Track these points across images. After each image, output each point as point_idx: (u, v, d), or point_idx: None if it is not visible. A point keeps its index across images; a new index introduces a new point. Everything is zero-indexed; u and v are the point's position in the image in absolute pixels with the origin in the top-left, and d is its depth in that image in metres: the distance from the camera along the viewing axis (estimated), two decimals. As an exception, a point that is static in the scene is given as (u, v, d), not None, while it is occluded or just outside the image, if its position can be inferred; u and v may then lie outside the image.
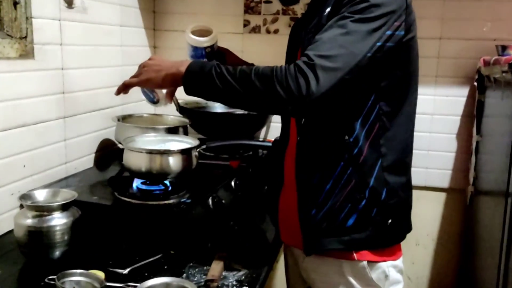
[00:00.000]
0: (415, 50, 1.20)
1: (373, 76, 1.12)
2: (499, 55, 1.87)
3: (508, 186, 1.61)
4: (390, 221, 1.22)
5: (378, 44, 1.07)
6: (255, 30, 2.31)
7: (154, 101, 1.49)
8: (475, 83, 2.08)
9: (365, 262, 1.21)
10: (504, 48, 1.88)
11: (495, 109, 1.88)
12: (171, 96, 1.35)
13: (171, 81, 1.23)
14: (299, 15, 2.20)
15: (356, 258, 1.20)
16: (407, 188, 1.27)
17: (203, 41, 1.56)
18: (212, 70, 1.15)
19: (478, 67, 2.04)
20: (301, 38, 1.28)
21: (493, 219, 1.77)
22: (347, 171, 1.17)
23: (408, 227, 1.30)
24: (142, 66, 1.31)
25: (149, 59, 1.31)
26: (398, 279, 1.27)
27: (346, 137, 1.16)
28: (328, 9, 1.20)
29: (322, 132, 1.20)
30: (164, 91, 1.36)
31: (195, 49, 1.59)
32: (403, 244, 1.28)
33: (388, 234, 1.22)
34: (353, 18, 1.06)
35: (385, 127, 1.17)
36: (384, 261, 1.24)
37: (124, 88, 1.32)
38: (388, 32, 1.08)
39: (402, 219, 1.27)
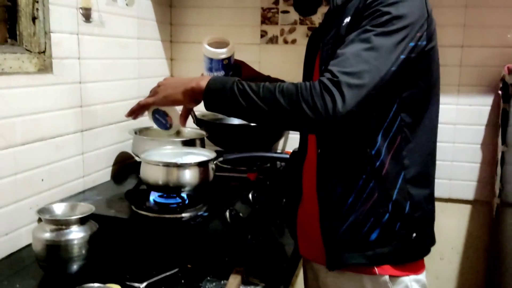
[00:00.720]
0: (436, 60, 1.20)
1: (395, 87, 1.12)
2: None
3: None
4: (414, 235, 1.21)
5: (402, 57, 1.07)
6: (273, 40, 2.32)
7: (167, 127, 1.50)
8: (500, 92, 2.07)
9: (387, 277, 1.20)
10: None
11: None
12: (185, 119, 1.34)
13: (191, 96, 1.22)
14: (317, 25, 2.21)
15: (377, 272, 1.20)
16: (431, 200, 1.27)
17: (220, 53, 1.57)
18: (234, 87, 1.15)
19: (502, 75, 2.03)
20: (318, 49, 1.28)
21: None
22: (369, 184, 1.17)
23: (432, 241, 1.29)
24: (157, 86, 1.31)
25: (164, 80, 1.32)
26: None
27: (368, 150, 1.16)
28: (347, 20, 1.20)
29: (343, 145, 1.20)
30: (177, 116, 1.37)
31: (212, 61, 1.59)
32: (427, 258, 1.27)
33: (412, 248, 1.22)
34: (376, 32, 1.07)
35: (407, 139, 1.17)
36: (407, 275, 1.23)
37: (138, 109, 1.33)
38: (411, 44, 1.08)
39: (427, 233, 1.26)
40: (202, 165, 1.52)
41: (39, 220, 1.30)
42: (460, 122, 2.15)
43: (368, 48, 1.06)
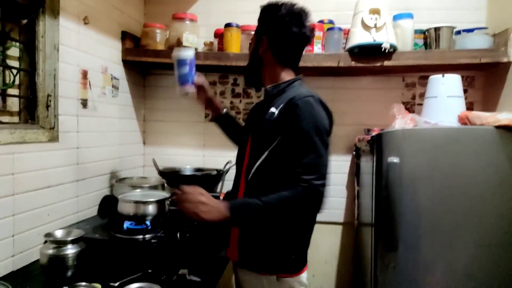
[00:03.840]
0: None
1: None
2: (365, 135, 1.96)
3: (372, 218, 1.64)
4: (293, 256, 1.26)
5: None
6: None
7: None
8: (354, 152, 2.14)
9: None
10: (368, 130, 1.98)
11: (365, 169, 1.88)
12: None
13: (217, 221, 1.14)
14: (251, 97, 2.28)
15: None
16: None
17: (187, 53, 1.42)
18: (254, 213, 1.12)
19: (355, 142, 2.10)
20: (253, 125, 1.33)
21: (367, 241, 1.77)
22: None
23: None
24: (184, 194, 1.19)
25: (190, 195, 1.18)
26: None
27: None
28: (273, 110, 1.24)
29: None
30: None
31: (179, 62, 1.42)
32: (313, 261, 1.29)
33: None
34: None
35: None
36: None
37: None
38: None
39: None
40: (160, 202, 1.54)
41: (45, 242, 1.31)
42: (332, 171, 2.19)
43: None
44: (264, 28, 1.32)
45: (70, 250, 1.27)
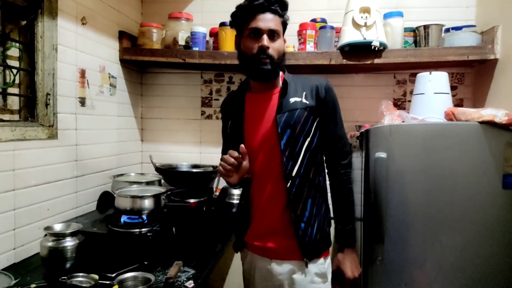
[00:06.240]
0: None
1: None
2: (356, 131, 1.92)
3: (361, 213, 1.65)
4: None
5: None
6: (209, 117, 2.41)
7: None
8: None
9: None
10: (359, 126, 1.96)
11: (355, 164, 1.73)
12: None
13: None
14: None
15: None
16: None
17: None
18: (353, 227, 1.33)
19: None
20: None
21: (357, 236, 1.72)
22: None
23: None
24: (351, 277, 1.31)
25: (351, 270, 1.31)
26: None
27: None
28: (296, 99, 1.29)
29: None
30: None
31: None
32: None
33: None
34: None
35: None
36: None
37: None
38: None
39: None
40: (156, 197, 1.58)
41: (45, 235, 1.34)
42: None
43: None
44: (284, 24, 1.30)
45: (69, 243, 1.32)
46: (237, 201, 2.07)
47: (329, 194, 1.38)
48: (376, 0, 1.87)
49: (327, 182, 1.39)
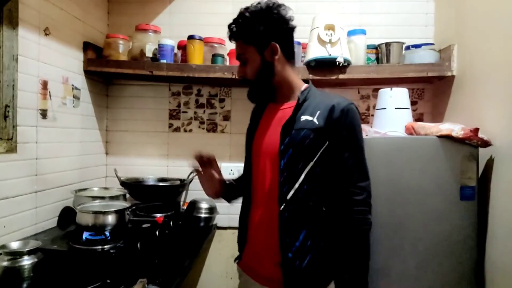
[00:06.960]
0: None
1: None
2: None
3: None
4: None
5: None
6: (176, 130, 2.38)
7: None
8: None
9: None
10: None
11: None
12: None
13: None
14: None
15: None
16: None
17: None
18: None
19: None
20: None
21: None
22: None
23: None
24: None
25: None
26: None
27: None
28: (308, 118, 1.20)
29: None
30: None
31: None
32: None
33: None
34: None
35: None
36: None
37: None
38: None
39: None
40: (119, 212, 1.55)
41: (0, 254, 1.29)
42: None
43: None
44: (267, 35, 1.24)
45: (26, 262, 1.27)
46: (205, 215, 2.07)
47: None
48: (340, 17, 1.94)
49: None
